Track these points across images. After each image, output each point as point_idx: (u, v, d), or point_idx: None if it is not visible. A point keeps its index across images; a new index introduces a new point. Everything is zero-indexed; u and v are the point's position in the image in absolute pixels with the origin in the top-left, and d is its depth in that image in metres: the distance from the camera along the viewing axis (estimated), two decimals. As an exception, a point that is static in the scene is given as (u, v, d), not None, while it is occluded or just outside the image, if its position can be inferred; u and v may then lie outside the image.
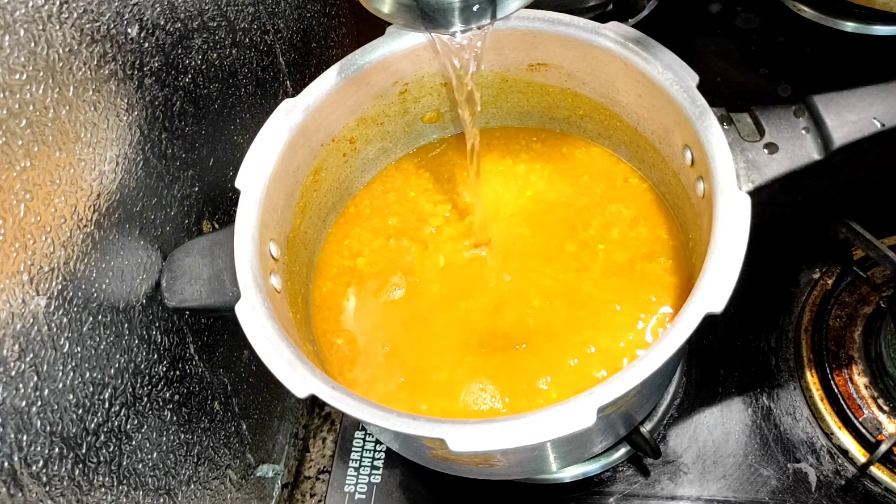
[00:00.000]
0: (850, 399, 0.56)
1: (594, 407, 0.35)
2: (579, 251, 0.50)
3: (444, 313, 0.49)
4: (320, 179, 0.51)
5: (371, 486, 0.58)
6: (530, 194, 0.53)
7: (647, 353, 0.37)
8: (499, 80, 0.53)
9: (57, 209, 0.35)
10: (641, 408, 0.51)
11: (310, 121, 0.47)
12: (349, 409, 0.37)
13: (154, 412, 0.43)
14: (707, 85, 0.43)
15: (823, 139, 0.43)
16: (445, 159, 0.56)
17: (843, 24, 0.74)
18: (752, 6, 0.79)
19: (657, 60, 0.45)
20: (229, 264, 0.42)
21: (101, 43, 0.38)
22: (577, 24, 0.47)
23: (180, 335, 0.46)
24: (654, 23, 0.77)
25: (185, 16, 0.45)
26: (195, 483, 0.48)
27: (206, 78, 0.48)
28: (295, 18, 0.59)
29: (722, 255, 0.38)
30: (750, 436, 0.56)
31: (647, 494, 0.55)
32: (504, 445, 0.35)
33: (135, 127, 0.41)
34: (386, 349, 0.49)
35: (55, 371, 0.35)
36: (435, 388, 0.47)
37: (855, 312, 0.59)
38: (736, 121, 0.44)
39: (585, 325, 0.47)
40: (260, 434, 0.58)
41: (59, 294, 0.35)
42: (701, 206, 0.44)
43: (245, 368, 0.55)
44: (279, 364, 0.38)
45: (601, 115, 0.52)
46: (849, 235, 0.55)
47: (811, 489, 0.54)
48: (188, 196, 0.47)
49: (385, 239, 0.53)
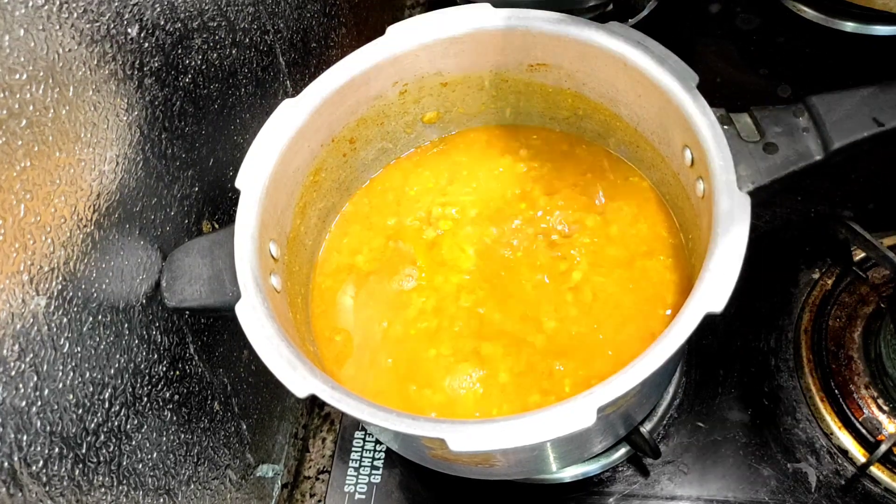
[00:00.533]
0: (849, 399, 0.56)
1: (594, 407, 0.35)
2: (580, 250, 0.50)
3: (444, 311, 0.49)
4: (320, 179, 0.51)
5: (371, 486, 0.58)
6: (530, 192, 0.53)
7: (647, 352, 0.37)
8: (499, 81, 0.53)
9: (57, 209, 0.35)
10: (641, 408, 0.51)
11: (310, 121, 0.47)
12: (349, 409, 0.37)
13: (154, 412, 0.43)
14: (707, 85, 0.43)
15: (823, 139, 0.43)
16: (445, 159, 0.56)
17: (842, 24, 0.74)
18: (752, 6, 0.79)
19: (657, 60, 0.45)
20: (229, 264, 0.42)
21: (101, 43, 0.38)
22: (577, 24, 0.47)
23: (180, 335, 0.46)
24: (654, 23, 0.77)
25: (185, 16, 0.45)
26: (195, 483, 0.48)
27: (206, 78, 0.48)
28: (295, 18, 0.59)
29: (722, 255, 0.38)
30: (750, 436, 0.56)
31: (646, 494, 0.55)
32: (504, 445, 0.35)
33: (135, 127, 0.41)
34: (384, 347, 0.49)
35: (55, 371, 0.35)
36: (435, 385, 0.47)
37: (855, 313, 0.60)
38: (736, 121, 0.44)
39: (586, 322, 0.47)
40: (260, 434, 0.58)
41: (59, 294, 0.35)
42: (700, 206, 0.44)
43: (245, 368, 0.55)
44: (279, 364, 0.38)
45: (601, 115, 0.52)
46: (849, 235, 0.55)
47: (811, 489, 0.54)
48: (188, 196, 0.47)
49: (384, 238, 0.53)
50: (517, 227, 0.52)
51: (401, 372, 0.48)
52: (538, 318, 0.48)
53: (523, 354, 0.47)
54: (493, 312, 0.49)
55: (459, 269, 0.51)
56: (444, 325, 0.49)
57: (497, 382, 0.46)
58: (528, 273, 0.50)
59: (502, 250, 0.51)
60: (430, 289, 0.50)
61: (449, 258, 0.51)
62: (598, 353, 0.46)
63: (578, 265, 0.50)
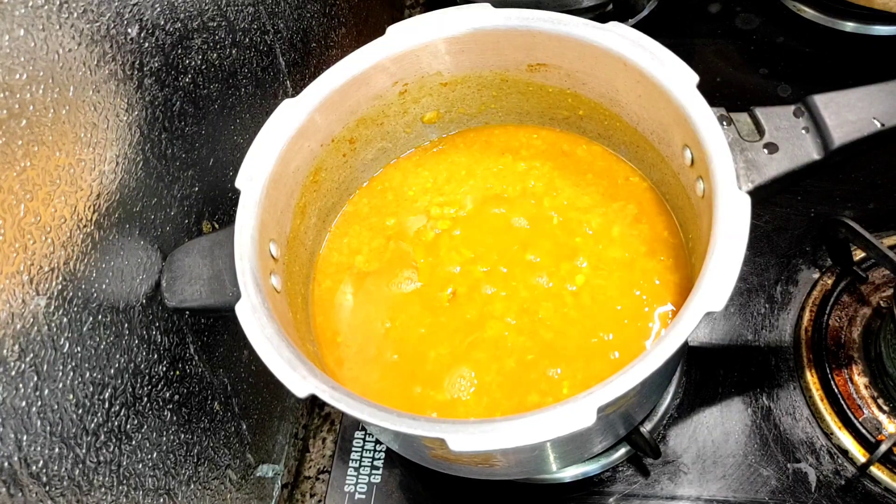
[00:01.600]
0: (849, 399, 0.56)
1: (594, 407, 0.35)
2: (579, 249, 0.50)
3: (444, 311, 0.49)
4: (320, 180, 0.51)
5: (371, 486, 0.58)
6: (530, 191, 0.53)
7: (647, 352, 0.37)
8: (498, 81, 0.53)
9: (57, 209, 0.35)
10: (641, 408, 0.51)
11: (310, 121, 0.47)
12: (349, 409, 0.37)
13: (154, 412, 0.43)
14: (707, 85, 0.43)
15: (823, 139, 0.43)
16: (444, 159, 0.56)
17: (842, 24, 0.74)
18: (752, 6, 0.79)
19: (657, 60, 0.45)
20: (229, 264, 0.42)
21: (101, 43, 0.38)
22: (577, 24, 0.47)
23: (180, 335, 0.46)
24: (654, 23, 0.77)
25: (185, 16, 0.45)
26: (195, 483, 0.48)
27: (206, 78, 0.48)
28: (295, 18, 0.59)
29: (722, 254, 0.38)
30: (750, 436, 0.56)
31: (646, 494, 0.55)
32: (504, 445, 0.35)
33: (135, 127, 0.41)
34: (384, 347, 0.49)
35: (55, 371, 0.35)
36: (435, 385, 0.47)
37: (855, 312, 0.60)
38: (736, 121, 0.44)
39: (586, 322, 0.47)
40: (260, 434, 0.58)
41: (59, 294, 0.35)
42: (701, 205, 0.44)
43: (245, 368, 0.55)
44: (279, 364, 0.38)
45: (601, 115, 0.52)
46: (849, 235, 0.55)
47: (811, 489, 0.54)
48: (188, 196, 0.47)
49: (384, 238, 0.53)
50: (517, 227, 0.52)
51: (401, 372, 0.48)
52: (538, 318, 0.48)
53: (523, 355, 0.47)
54: (493, 313, 0.49)
55: (459, 269, 0.51)
56: (444, 325, 0.49)
57: (497, 382, 0.46)
58: (528, 273, 0.50)
59: (502, 251, 0.51)
60: (429, 288, 0.50)
61: (448, 258, 0.51)
62: (599, 353, 0.46)
63: (578, 265, 0.50)
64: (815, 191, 0.66)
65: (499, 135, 0.57)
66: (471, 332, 0.48)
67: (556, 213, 0.52)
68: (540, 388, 0.46)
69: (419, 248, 0.52)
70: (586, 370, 0.46)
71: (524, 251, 0.51)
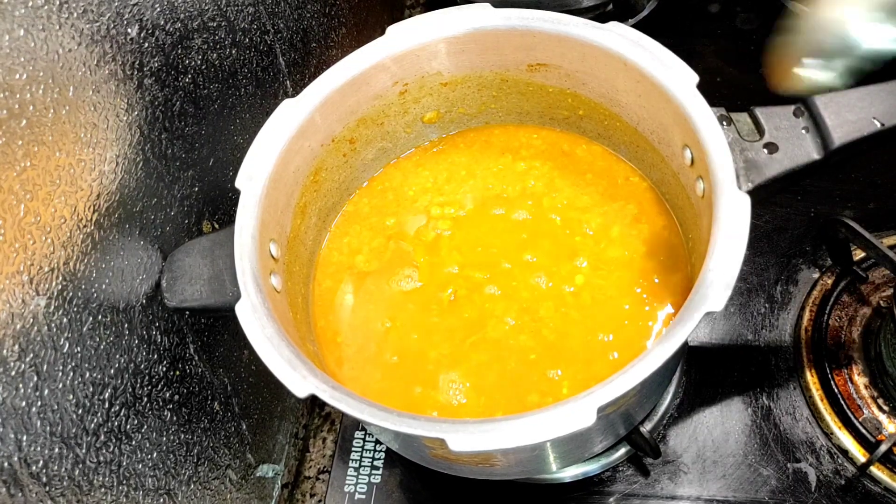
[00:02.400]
0: (849, 399, 0.56)
1: (594, 406, 0.35)
2: (579, 249, 0.50)
3: (444, 311, 0.49)
4: (320, 180, 0.51)
5: (371, 486, 0.58)
6: (530, 191, 0.53)
7: (647, 352, 0.37)
8: (498, 81, 0.53)
9: (57, 209, 0.35)
10: (641, 407, 0.51)
11: (310, 121, 0.47)
12: (349, 409, 0.37)
13: (154, 412, 0.43)
14: (707, 85, 0.43)
15: (823, 139, 0.43)
16: (445, 159, 0.56)
17: (842, 24, 0.74)
18: (752, 6, 0.79)
19: (657, 60, 0.45)
20: (229, 264, 0.42)
21: (101, 43, 0.38)
22: (577, 24, 0.47)
23: (180, 335, 0.46)
24: (654, 23, 0.77)
25: (185, 16, 0.45)
26: (195, 483, 0.48)
27: (206, 78, 0.48)
28: (295, 19, 0.59)
29: (722, 254, 0.38)
30: (750, 436, 0.57)
31: (647, 494, 0.55)
32: (504, 445, 0.35)
33: (135, 127, 0.41)
34: (384, 347, 0.49)
35: (55, 371, 0.35)
36: (435, 385, 0.47)
37: (854, 312, 0.60)
38: (736, 121, 0.44)
39: (586, 322, 0.47)
40: (260, 434, 0.58)
41: (59, 294, 0.35)
42: (701, 205, 0.44)
43: (245, 368, 0.55)
44: (279, 364, 0.38)
45: (601, 115, 0.52)
46: (849, 235, 0.55)
47: (811, 489, 0.54)
48: (188, 196, 0.47)
49: (384, 238, 0.53)
50: (517, 227, 0.52)
51: (401, 372, 0.48)
52: (538, 318, 0.48)
53: (523, 355, 0.47)
54: (493, 313, 0.49)
55: (459, 268, 0.51)
56: (444, 325, 0.49)
57: (497, 382, 0.46)
58: (528, 273, 0.50)
59: (502, 251, 0.51)
60: (429, 288, 0.50)
61: (449, 258, 0.51)
62: (599, 353, 0.46)
63: (578, 265, 0.50)
64: (815, 191, 0.66)
65: (499, 135, 0.57)
66: (471, 332, 0.48)
67: (556, 213, 0.52)
68: (540, 388, 0.46)
69: (419, 248, 0.52)
70: (586, 370, 0.46)
71: (524, 251, 0.51)
